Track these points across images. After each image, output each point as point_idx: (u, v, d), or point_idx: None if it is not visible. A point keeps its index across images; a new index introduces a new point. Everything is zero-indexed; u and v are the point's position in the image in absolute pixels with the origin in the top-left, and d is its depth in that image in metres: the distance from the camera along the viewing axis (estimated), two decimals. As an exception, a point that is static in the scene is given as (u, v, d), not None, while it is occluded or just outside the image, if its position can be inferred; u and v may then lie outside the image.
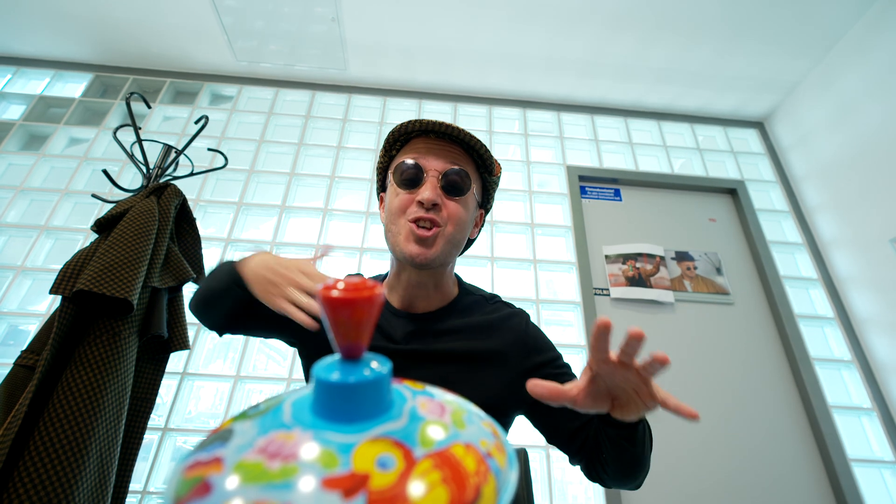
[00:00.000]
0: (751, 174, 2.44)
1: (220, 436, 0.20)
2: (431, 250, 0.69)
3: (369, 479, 0.16)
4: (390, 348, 0.72)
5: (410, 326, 0.74)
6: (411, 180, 0.71)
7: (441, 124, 0.70)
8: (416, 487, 0.16)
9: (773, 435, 1.81)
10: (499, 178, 0.80)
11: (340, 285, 0.20)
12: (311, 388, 0.21)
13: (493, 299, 0.83)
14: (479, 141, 0.71)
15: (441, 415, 0.21)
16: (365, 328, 0.20)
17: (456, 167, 0.71)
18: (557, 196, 2.28)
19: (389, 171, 0.77)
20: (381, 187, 0.81)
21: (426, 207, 0.69)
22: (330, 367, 0.21)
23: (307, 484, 0.16)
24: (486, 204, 0.82)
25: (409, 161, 0.71)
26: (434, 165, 0.71)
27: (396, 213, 0.72)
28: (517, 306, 0.82)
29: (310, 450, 0.17)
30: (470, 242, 0.82)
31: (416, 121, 0.72)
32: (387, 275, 0.83)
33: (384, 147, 0.77)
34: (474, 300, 0.81)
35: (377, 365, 0.21)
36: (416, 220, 0.69)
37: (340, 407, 0.19)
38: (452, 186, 0.71)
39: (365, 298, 0.20)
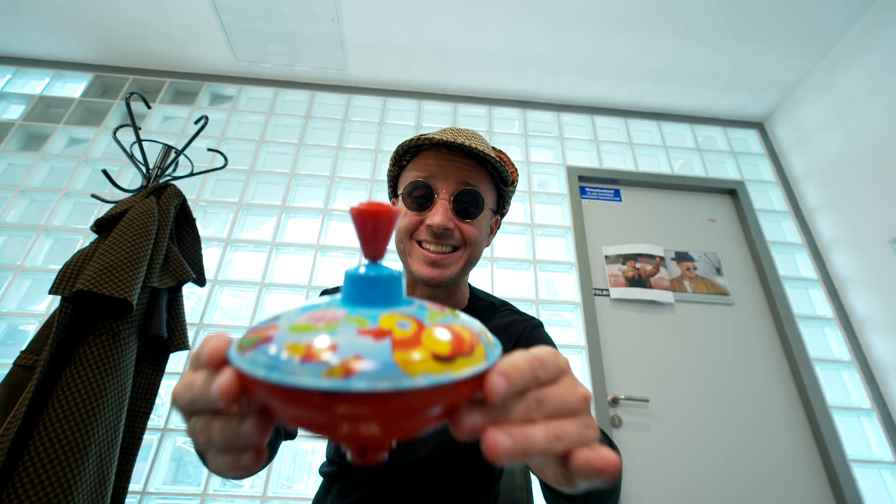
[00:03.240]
0: (750, 174, 2.44)
1: (269, 318, 0.24)
2: (447, 272, 0.69)
3: (393, 332, 0.21)
4: None
5: None
6: (421, 201, 0.69)
7: (453, 141, 0.65)
8: (427, 336, 0.21)
9: (772, 435, 1.81)
10: (516, 185, 0.77)
11: (365, 204, 0.25)
12: (343, 286, 0.26)
13: (504, 306, 0.82)
14: (492, 155, 0.67)
15: (443, 309, 0.26)
16: (384, 236, 0.25)
17: (468, 187, 0.69)
18: (557, 196, 2.28)
19: (399, 186, 0.75)
20: (393, 193, 0.79)
21: (436, 233, 0.67)
22: (357, 267, 0.25)
23: (347, 331, 0.21)
24: (501, 209, 0.79)
25: (419, 180, 0.69)
26: (445, 186, 0.68)
27: (405, 233, 0.70)
28: (529, 315, 0.80)
29: (346, 316, 0.22)
30: None
31: (426, 136, 0.68)
32: None
33: (394, 158, 0.74)
34: (485, 307, 0.80)
35: (392, 267, 0.26)
36: (427, 245, 0.68)
37: (366, 294, 0.24)
38: (464, 210, 0.69)
39: (384, 211, 0.24)
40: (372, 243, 0.25)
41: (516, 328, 0.74)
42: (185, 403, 0.25)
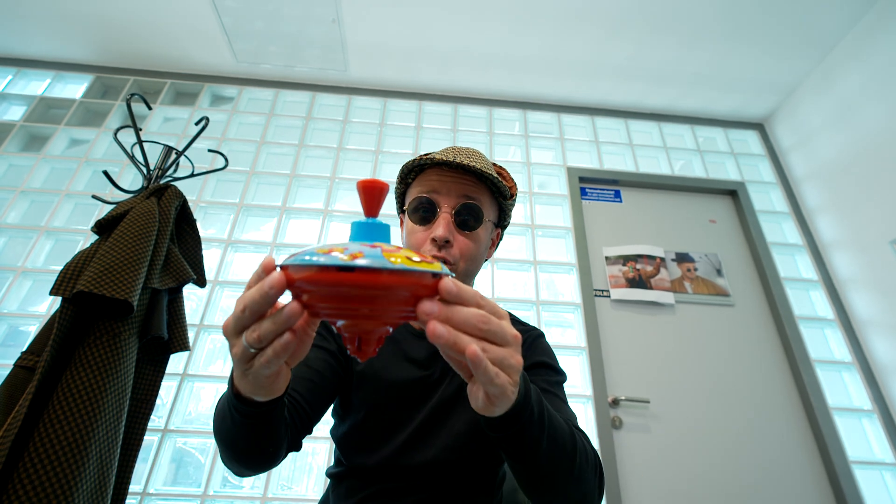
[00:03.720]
0: (751, 175, 2.44)
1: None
2: None
3: (382, 246, 0.32)
4: (418, 377, 0.73)
5: (433, 347, 0.74)
6: (425, 216, 0.73)
7: (452, 160, 0.71)
8: (404, 252, 0.32)
9: (773, 437, 1.80)
10: (515, 198, 0.81)
11: (366, 179, 0.37)
12: (350, 232, 0.37)
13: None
14: (490, 173, 0.71)
15: None
16: (378, 201, 0.37)
17: (469, 202, 0.73)
18: (558, 197, 2.28)
19: (406, 202, 0.80)
20: (400, 209, 0.84)
21: (439, 245, 0.71)
22: (360, 220, 0.37)
23: (353, 245, 0.31)
24: (502, 222, 0.83)
25: (423, 197, 0.74)
26: (447, 201, 0.73)
27: (413, 249, 0.73)
28: (531, 325, 0.83)
29: (352, 241, 0.34)
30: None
31: (428, 157, 0.73)
32: None
33: (399, 176, 0.80)
34: None
35: (382, 222, 0.37)
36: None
37: (365, 235, 0.36)
38: (465, 223, 0.73)
39: (378, 184, 0.37)
40: (369, 205, 0.37)
41: (521, 337, 0.76)
42: (236, 316, 0.33)
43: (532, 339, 0.78)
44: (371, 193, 0.37)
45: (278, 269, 0.32)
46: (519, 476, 0.49)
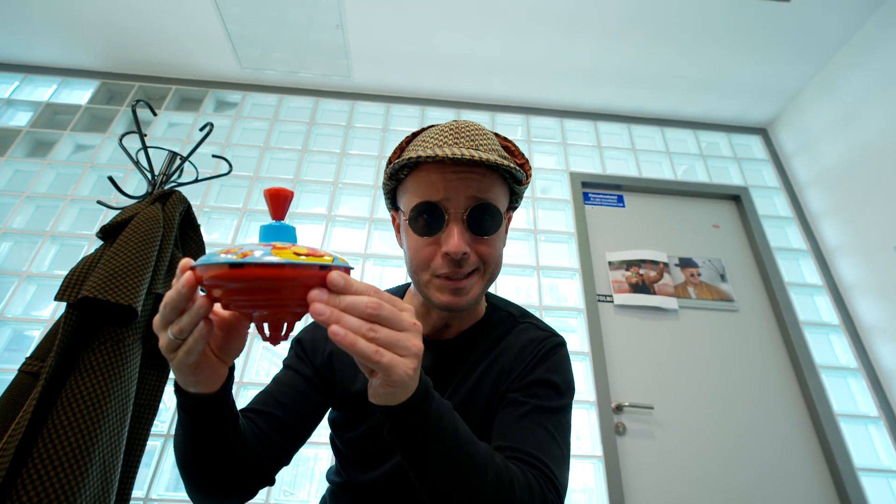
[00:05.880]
0: (754, 180, 2.43)
1: None
2: (466, 297, 0.62)
3: (274, 245, 0.36)
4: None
5: (437, 356, 0.69)
6: (430, 225, 0.60)
7: (452, 156, 0.56)
8: (294, 248, 0.35)
9: (778, 443, 1.79)
10: (530, 178, 0.70)
11: (272, 188, 0.41)
12: (259, 234, 0.41)
13: (523, 317, 0.75)
14: (504, 161, 0.58)
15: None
16: (282, 206, 0.41)
17: (482, 201, 0.60)
18: (560, 202, 2.28)
19: (399, 200, 0.67)
20: (392, 205, 0.71)
21: (457, 262, 0.59)
22: (268, 223, 0.41)
23: (249, 245, 0.35)
24: (514, 204, 0.71)
25: (425, 202, 0.60)
26: (454, 203, 0.59)
27: (421, 266, 0.62)
28: (551, 329, 0.73)
29: (256, 243, 0.37)
30: None
31: (418, 156, 0.57)
32: (405, 287, 0.79)
33: (388, 173, 0.64)
34: (502, 317, 0.74)
35: (287, 224, 0.41)
36: (446, 276, 0.61)
37: (271, 237, 0.40)
38: (480, 226, 0.60)
39: (283, 192, 0.41)
40: (276, 211, 0.41)
41: (535, 347, 0.68)
42: (161, 313, 0.38)
43: (546, 350, 0.68)
44: (277, 200, 0.41)
45: (190, 270, 0.36)
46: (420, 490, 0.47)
